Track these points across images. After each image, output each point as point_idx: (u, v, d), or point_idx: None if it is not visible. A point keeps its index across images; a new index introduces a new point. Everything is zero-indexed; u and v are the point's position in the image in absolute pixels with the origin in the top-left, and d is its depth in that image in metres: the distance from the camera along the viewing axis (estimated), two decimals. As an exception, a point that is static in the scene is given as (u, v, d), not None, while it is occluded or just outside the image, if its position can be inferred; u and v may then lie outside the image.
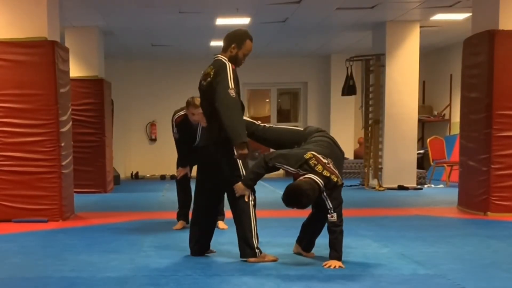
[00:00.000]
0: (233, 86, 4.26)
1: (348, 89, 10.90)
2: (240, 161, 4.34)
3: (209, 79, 4.37)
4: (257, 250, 4.36)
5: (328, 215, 4.15)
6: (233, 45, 4.40)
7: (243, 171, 4.37)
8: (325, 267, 4.16)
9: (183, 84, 13.02)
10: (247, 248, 4.36)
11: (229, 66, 4.33)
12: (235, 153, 4.26)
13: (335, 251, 4.20)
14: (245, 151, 4.23)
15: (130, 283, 3.81)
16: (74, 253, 4.88)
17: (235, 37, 4.43)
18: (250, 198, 4.35)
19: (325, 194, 4.12)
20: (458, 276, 3.91)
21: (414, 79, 10.50)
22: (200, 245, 4.69)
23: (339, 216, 4.16)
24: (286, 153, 4.29)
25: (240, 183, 4.32)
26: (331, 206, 4.13)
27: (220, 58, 4.41)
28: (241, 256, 4.42)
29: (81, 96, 9.91)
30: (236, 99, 4.26)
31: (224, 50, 4.44)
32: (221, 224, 5.85)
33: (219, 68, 4.33)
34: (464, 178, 7.46)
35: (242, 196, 4.33)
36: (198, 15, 9.54)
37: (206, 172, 4.65)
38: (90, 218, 7.14)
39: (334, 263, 4.16)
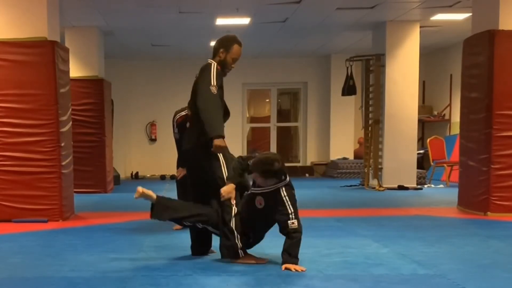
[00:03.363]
0: (214, 84, 4.35)
1: (348, 89, 10.91)
2: (224, 162, 4.35)
3: (195, 79, 4.51)
4: (240, 251, 4.31)
5: (289, 221, 3.99)
6: (221, 50, 4.53)
7: (225, 172, 4.36)
8: (283, 269, 4.04)
9: (183, 84, 12.90)
10: (224, 248, 4.35)
11: (214, 66, 4.45)
12: (212, 147, 4.27)
13: (288, 255, 4.03)
14: (221, 142, 4.26)
15: (130, 283, 3.81)
16: (74, 253, 4.88)
17: (223, 42, 4.59)
18: (233, 203, 4.28)
19: (285, 192, 4.06)
20: (458, 276, 3.90)
21: (414, 79, 10.51)
22: (200, 245, 4.68)
23: (299, 222, 4.04)
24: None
25: (226, 186, 4.27)
26: (292, 210, 4.02)
27: (209, 61, 4.53)
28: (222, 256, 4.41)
29: (81, 96, 9.92)
30: (216, 96, 4.33)
31: (214, 54, 4.58)
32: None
33: (204, 67, 4.48)
34: (464, 178, 7.46)
35: (226, 199, 4.27)
36: (198, 15, 9.54)
37: (191, 174, 4.69)
38: (90, 218, 7.14)
39: (291, 267, 4.03)
